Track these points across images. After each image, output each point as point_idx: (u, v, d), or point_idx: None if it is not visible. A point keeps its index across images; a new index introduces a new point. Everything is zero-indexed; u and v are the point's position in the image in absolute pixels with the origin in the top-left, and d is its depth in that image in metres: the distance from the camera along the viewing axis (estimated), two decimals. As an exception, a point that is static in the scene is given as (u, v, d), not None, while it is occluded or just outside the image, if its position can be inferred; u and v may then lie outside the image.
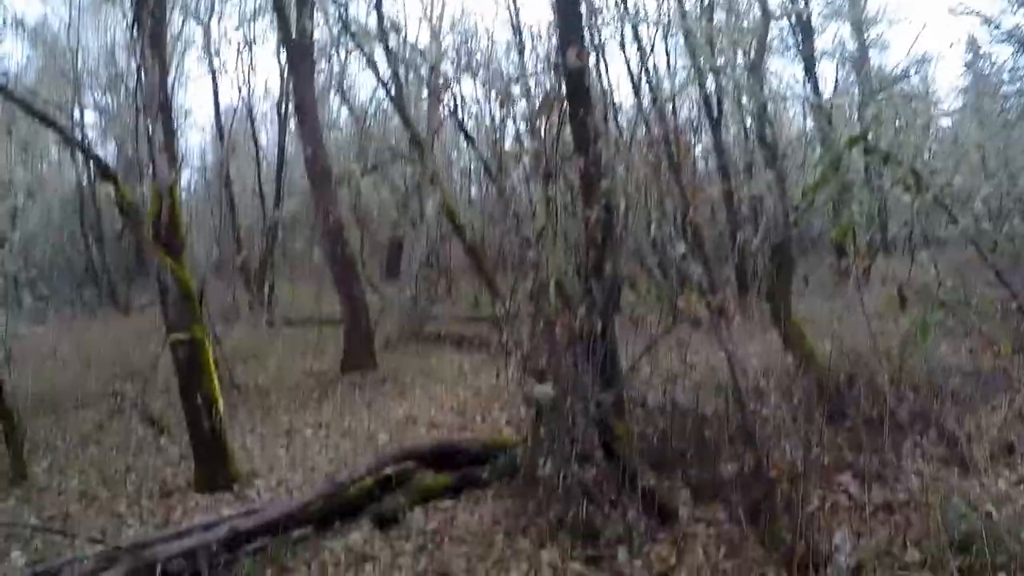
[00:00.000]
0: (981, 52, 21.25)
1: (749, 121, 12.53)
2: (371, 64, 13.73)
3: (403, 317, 13.82)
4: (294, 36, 10.68)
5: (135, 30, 6.31)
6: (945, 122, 20.24)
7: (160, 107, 6.25)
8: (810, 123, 15.97)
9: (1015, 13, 15.73)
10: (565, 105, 4.95)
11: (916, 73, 16.69)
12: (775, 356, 7.23)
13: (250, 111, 19.22)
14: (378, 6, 12.61)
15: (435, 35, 17.48)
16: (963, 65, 21.91)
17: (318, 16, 13.22)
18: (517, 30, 16.07)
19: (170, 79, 18.09)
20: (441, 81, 14.25)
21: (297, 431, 8.27)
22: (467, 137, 14.19)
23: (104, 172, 6.25)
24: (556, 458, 4.65)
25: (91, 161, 6.31)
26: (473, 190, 19.92)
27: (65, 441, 8.33)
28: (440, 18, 18.29)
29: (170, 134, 6.33)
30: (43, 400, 9.98)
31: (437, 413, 8.58)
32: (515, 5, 16.01)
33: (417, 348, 13.11)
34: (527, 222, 5.23)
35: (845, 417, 5.91)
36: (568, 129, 5.06)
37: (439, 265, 16.54)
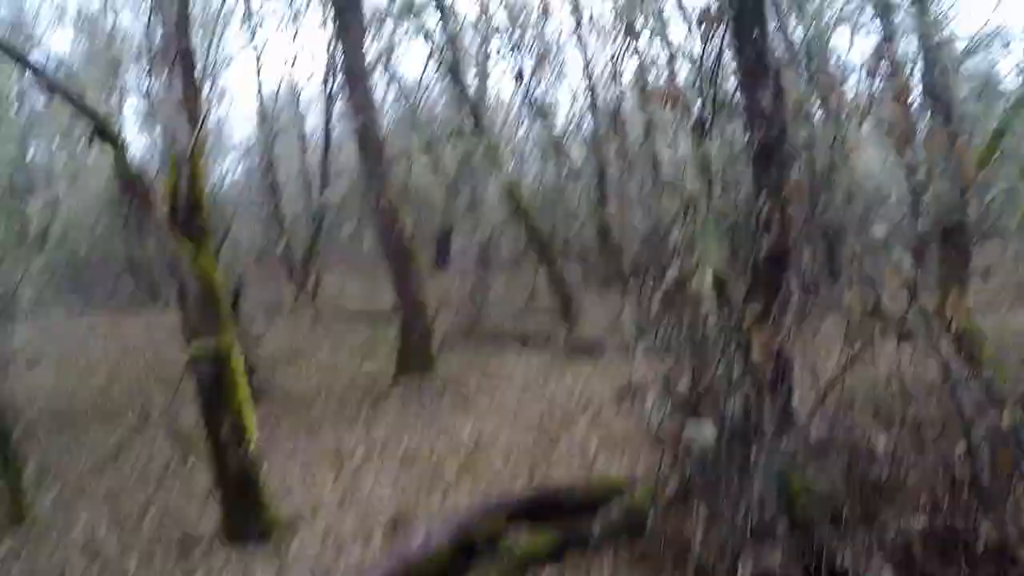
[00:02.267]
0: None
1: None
2: (423, 32, 12.37)
3: (460, 312, 12.39)
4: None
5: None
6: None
7: (179, 56, 4.92)
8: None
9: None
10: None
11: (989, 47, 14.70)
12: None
13: (294, 89, 17.99)
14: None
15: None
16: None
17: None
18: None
19: (211, 55, 17.01)
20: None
21: (346, 454, 6.94)
22: (531, 106, 12.62)
23: (101, 130, 4.90)
24: (727, 533, 3.20)
25: (89, 119, 4.91)
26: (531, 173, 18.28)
27: (79, 465, 7.10)
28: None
29: (191, 89, 4.99)
30: (63, 411, 8.83)
31: (511, 432, 7.19)
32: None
33: (475, 346, 11.62)
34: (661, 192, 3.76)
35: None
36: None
37: (496, 253, 15.08)
